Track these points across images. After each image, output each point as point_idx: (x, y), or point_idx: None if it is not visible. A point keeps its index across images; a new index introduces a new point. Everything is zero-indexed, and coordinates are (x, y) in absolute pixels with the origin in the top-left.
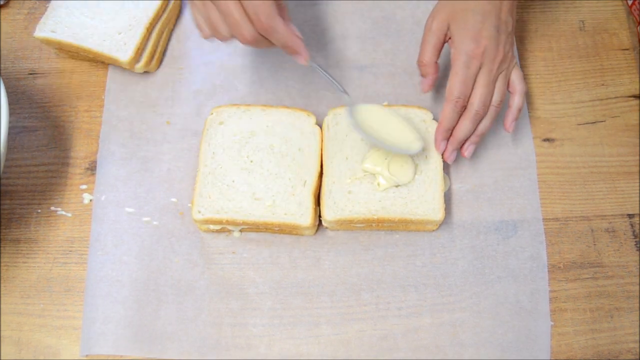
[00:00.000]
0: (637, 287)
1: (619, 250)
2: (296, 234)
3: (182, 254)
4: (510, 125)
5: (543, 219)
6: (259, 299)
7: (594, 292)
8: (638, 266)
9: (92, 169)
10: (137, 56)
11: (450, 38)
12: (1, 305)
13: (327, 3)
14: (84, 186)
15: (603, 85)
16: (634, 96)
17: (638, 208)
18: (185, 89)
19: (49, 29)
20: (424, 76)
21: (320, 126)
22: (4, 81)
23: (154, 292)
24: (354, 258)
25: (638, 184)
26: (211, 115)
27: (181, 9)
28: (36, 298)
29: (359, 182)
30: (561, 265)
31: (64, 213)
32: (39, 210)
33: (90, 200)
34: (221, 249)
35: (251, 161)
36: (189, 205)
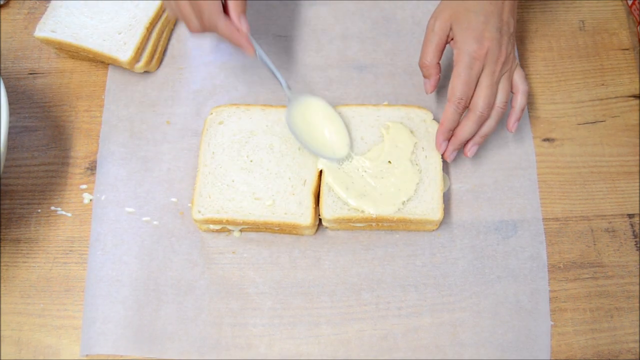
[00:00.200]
0: (637, 287)
1: (619, 250)
2: (296, 234)
3: (182, 254)
4: (513, 125)
5: (543, 219)
6: (259, 299)
7: (594, 292)
8: (638, 266)
9: (92, 168)
10: (137, 56)
11: (453, 39)
12: (1, 305)
13: (327, 3)
14: (84, 186)
15: (603, 85)
16: (634, 96)
17: (638, 208)
18: (185, 89)
19: (49, 29)
20: (426, 77)
21: None
22: (4, 81)
23: (154, 292)
24: (354, 258)
25: (638, 184)
26: (211, 115)
27: None
28: (36, 298)
29: None
30: (561, 265)
31: (64, 213)
32: (39, 210)
33: (90, 200)
34: (221, 248)
35: (251, 161)
36: (189, 205)
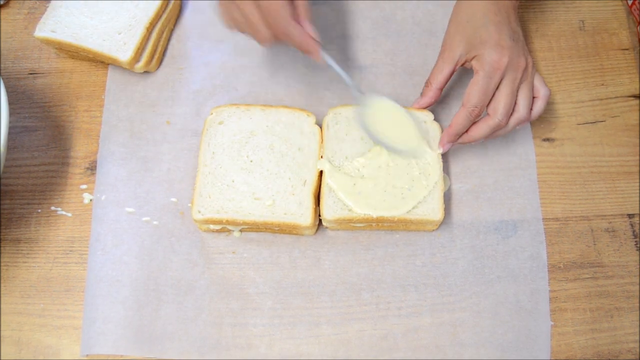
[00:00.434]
0: (637, 287)
1: (619, 250)
2: (296, 234)
3: (182, 254)
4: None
5: (543, 219)
6: (259, 299)
7: (594, 292)
8: (638, 266)
9: (92, 168)
10: (137, 56)
11: (466, 61)
12: (1, 305)
13: (327, 3)
14: (84, 186)
15: (603, 85)
16: (634, 96)
17: (638, 208)
18: (185, 89)
19: (49, 29)
20: (424, 95)
21: (320, 126)
22: (4, 81)
23: (154, 292)
24: (354, 258)
25: (638, 184)
26: (211, 115)
27: (181, 9)
28: (36, 298)
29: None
30: (561, 265)
31: (64, 213)
32: (39, 210)
33: (91, 200)
34: (221, 248)
35: (251, 161)
36: (189, 205)
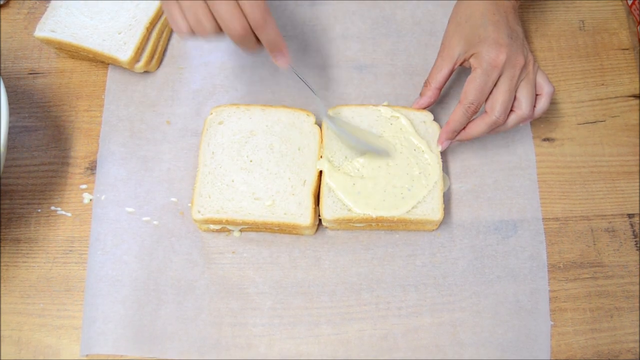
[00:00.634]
0: (637, 287)
1: (618, 250)
2: (296, 234)
3: (182, 254)
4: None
5: (543, 219)
6: (259, 299)
7: (594, 292)
8: (638, 266)
9: (92, 168)
10: (137, 56)
11: (465, 60)
12: (1, 305)
13: (327, 3)
14: (84, 186)
15: (603, 85)
16: (634, 96)
17: (638, 208)
18: (185, 89)
19: (48, 29)
20: (423, 95)
21: (320, 125)
22: (4, 81)
23: (154, 292)
24: (354, 258)
25: (638, 184)
26: (211, 115)
27: None
28: (36, 298)
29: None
30: (561, 265)
31: (64, 213)
32: (39, 210)
33: (90, 200)
34: (221, 248)
35: (251, 161)
36: (189, 205)
